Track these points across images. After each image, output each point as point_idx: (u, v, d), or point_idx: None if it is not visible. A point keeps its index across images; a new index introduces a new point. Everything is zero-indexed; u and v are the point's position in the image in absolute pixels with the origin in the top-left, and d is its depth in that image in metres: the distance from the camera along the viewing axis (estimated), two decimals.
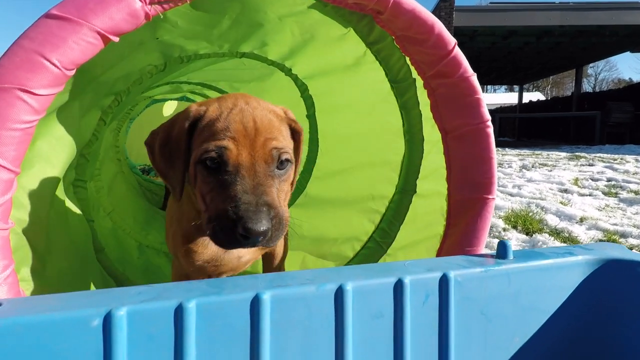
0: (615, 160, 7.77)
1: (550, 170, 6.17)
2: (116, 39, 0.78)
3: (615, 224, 2.87)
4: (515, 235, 2.63)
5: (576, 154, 9.54)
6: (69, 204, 1.25)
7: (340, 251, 1.69)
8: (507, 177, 5.40)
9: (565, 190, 4.35)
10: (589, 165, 6.97)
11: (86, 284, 1.26)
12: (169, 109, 4.19)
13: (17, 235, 0.86)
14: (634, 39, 13.86)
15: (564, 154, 9.52)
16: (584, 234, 2.64)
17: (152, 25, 0.92)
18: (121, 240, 1.68)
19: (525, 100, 25.10)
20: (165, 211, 1.20)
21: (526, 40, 14.50)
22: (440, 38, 1.06)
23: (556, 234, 2.65)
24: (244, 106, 0.86)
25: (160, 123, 0.96)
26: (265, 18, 1.26)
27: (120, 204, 1.85)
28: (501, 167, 6.66)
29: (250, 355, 0.61)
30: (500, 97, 43.02)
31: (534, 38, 14.17)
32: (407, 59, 1.21)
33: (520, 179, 5.24)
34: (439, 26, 1.06)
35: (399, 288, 0.69)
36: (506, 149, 11.50)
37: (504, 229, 2.76)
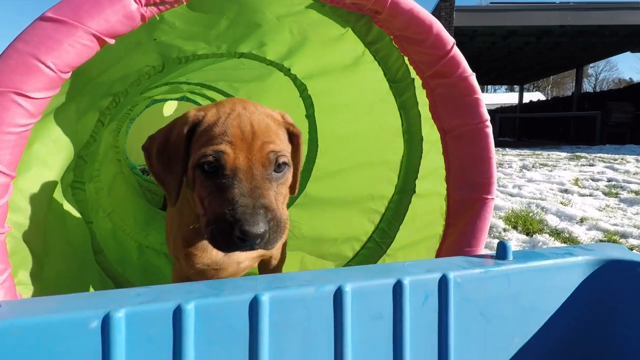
0: (615, 160, 7.76)
1: (551, 171, 6.16)
2: (112, 41, 0.78)
3: (615, 225, 2.87)
4: (516, 236, 2.62)
5: (576, 154, 9.54)
6: (67, 206, 1.24)
7: (340, 251, 1.68)
8: (508, 177, 5.39)
9: (566, 191, 4.35)
10: (590, 165, 6.96)
11: (84, 286, 1.26)
12: (170, 108, 4.19)
13: (14, 238, 0.86)
14: (634, 38, 13.85)
15: (564, 154, 9.51)
16: (584, 234, 2.64)
17: (149, 27, 0.91)
18: (121, 241, 1.68)
19: (525, 100, 25.09)
20: (166, 213, 1.21)
21: (526, 40, 14.50)
22: (438, 38, 1.06)
23: (556, 234, 2.64)
24: (241, 111, 0.87)
25: (160, 123, 0.96)
26: (263, 18, 1.26)
27: (120, 204, 1.85)
28: (501, 167, 6.66)
29: (249, 356, 0.61)
30: (501, 97, 43.00)
31: (534, 38, 14.17)
32: (406, 58, 1.21)
33: (521, 179, 5.24)
34: (437, 26, 1.05)
35: (398, 289, 0.69)
36: (506, 149, 11.49)
37: (504, 230, 2.75)
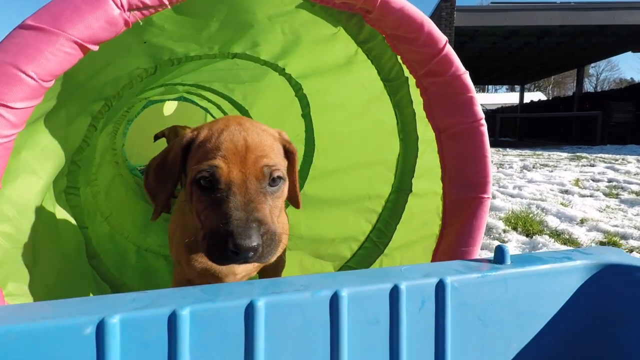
0: (616, 160, 7.75)
1: (551, 171, 6.15)
2: (95, 48, 0.76)
3: (616, 226, 2.87)
4: (516, 237, 2.62)
5: (577, 154, 9.52)
6: (59, 213, 1.23)
7: (338, 251, 1.68)
8: (508, 178, 5.39)
9: (566, 191, 4.34)
10: (590, 165, 6.95)
11: (78, 294, 1.25)
12: (170, 108, 4.19)
13: (3, 249, 0.85)
14: (635, 38, 13.83)
15: (565, 155, 9.50)
16: (584, 235, 2.63)
17: (138, 30, 0.90)
18: (118, 245, 1.67)
19: (526, 100, 25.06)
20: (170, 217, 1.23)
21: (527, 40, 14.49)
22: (430, 36, 1.05)
23: (556, 235, 2.64)
24: (235, 127, 0.89)
25: (160, 123, 0.99)
26: (254, 19, 1.25)
27: (118, 207, 1.84)
28: (502, 168, 6.65)
29: None
30: (502, 97, 42.96)
31: (534, 38, 14.16)
32: (399, 57, 1.20)
33: (521, 179, 5.23)
34: (429, 24, 1.04)
35: (394, 294, 0.69)
36: (507, 149, 11.47)
37: (504, 231, 2.75)
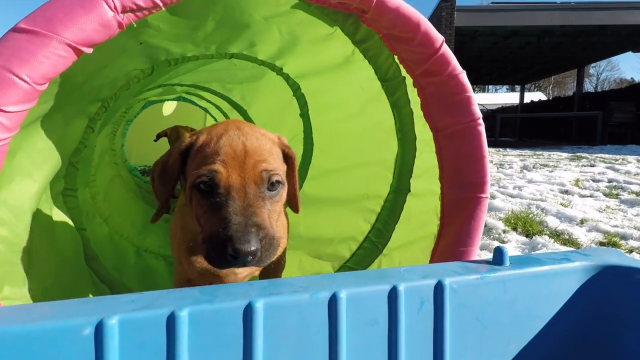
0: (616, 160, 7.75)
1: (551, 171, 6.15)
2: (89, 50, 0.76)
3: (615, 226, 2.86)
4: (515, 237, 2.62)
5: (577, 154, 9.52)
6: (56, 216, 1.23)
7: (337, 251, 1.68)
8: (508, 178, 5.38)
9: (566, 192, 4.34)
10: (591, 165, 6.95)
11: (75, 297, 1.23)
12: (169, 108, 4.20)
13: None
14: (635, 38, 13.82)
15: (565, 155, 9.49)
16: (584, 235, 2.63)
17: (134, 31, 0.90)
18: (117, 246, 1.67)
19: (526, 100, 25.05)
20: (171, 218, 1.24)
21: (527, 40, 14.48)
22: (426, 36, 1.05)
23: (556, 236, 2.64)
24: (234, 131, 0.89)
25: (160, 123, 0.99)
26: (251, 19, 1.25)
27: (117, 208, 1.84)
28: (502, 168, 6.65)
29: None
30: (502, 97, 42.93)
31: (535, 38, 14.15)
32: (396, 57, 1.20)
33: (521, 179, 5.23)
34: (425, 24, 1.04)
35: (393, 295, 0.69)
36: (507, 149, 11.47)
37: (504, 231, 2.75)
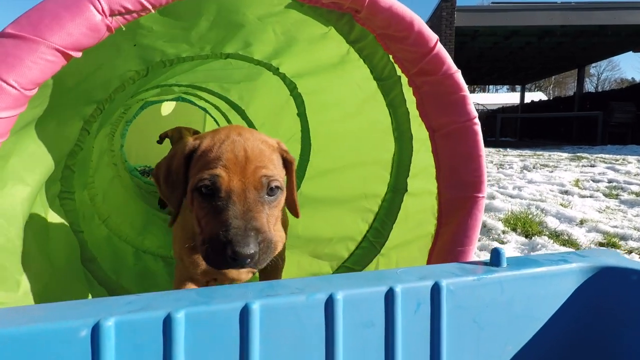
0: (617, 161, 7.74)
1: (551, 171, 6.15)
2: (78, 55, 0.75)
3: (615, 227, 2.86)
4: (515, 238, 2.62)
5: (578, 154, 9.51)
6: (52, 219, 1.22)
7: (335, 251, 1.68)
8: (508, 179, 5.38)
9: (566, 192, 4.34)
10: (591, 166, 6.94)
11: (71, 299, 1.21)
12: (167, 108, 4.20)
13: None
14: (636, 38, 13.81)
15: (565, 155, 9.49)
16: (583, 236, 2.63)
17: (127, 33, 0.90)
18: (116, 248, 1.67)
19: (527, 100, 25.04)
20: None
21: (528, 40, 14.47)
22: (420, 35, 1.05)
23: (556, 236, 2.63)
24: (236, 137, 0.92)
25: (159, 123, 0.99)
26: (245, 19, 1.25)
27: (117, 209, 1.84)
28: (502, 168, 6.65)
29: None
30: (502, 97, 42.88)
31: (535, 38, 14.14)
32: (391, 56, 1.20)
33: (521, 180, 5.23)
34: (419, 23, 1.04)
35: (390, 297, 0.69)
36: (507, 149, 11.46)
37: (503, 232, 2.75)
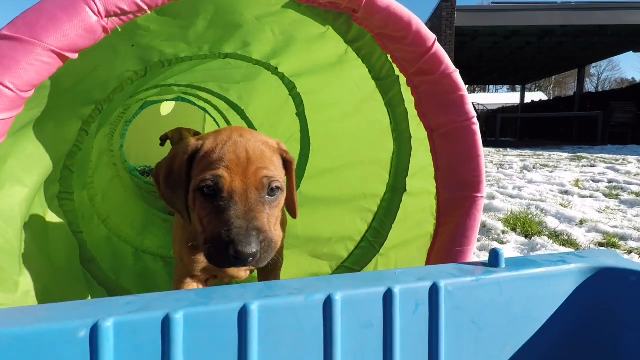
0: (617, 161, 7.74)
1: (551, 172, 6.15)
2: (74, 56, 0.75)
3: (615, 227, 2.86)
4: (514, 238, 2.62)
5: (578, 154, 9.51)
6: (50, 219, 1.22)
7: (334, 251, 1.68)
8: (508, 179, 5.38)
9: (566, 192, 4.34)
10: (591, 166, 6.94)
11: (69, 300, 1.21)
12: (167, 108, 4.21)
13: None
14: (635, 38, 13.81)
15: (565, 155, 9.48)
16: (583, 236, 2.63)
17: (125, 34, 0.90)
18: (116, 248, 1.67)
19: (527, 100, 25.02)
20: (173, 218, 1.25)
21: (528, 40, 14.47)
22: (418, 35, 1.05)
23: (555, 236, 2.63)
24: (237, 138, 0.94)
25: (158, 123, 0.99)
26: (242, 19, 1.25)
27: (116, 209, 1.84)
28: (502, 169, 6.65)
29: None
30: (502, 97, 42.84)
31: (535, 38, 14.14)
32: (389, 56, 1.20)
33: (521, 180, 5.23)
34: (417, 23, 1.04)
35: (388, 297, 0.69)
36: (508, 149, 11.45)
37: (503, 232, 2.75)
